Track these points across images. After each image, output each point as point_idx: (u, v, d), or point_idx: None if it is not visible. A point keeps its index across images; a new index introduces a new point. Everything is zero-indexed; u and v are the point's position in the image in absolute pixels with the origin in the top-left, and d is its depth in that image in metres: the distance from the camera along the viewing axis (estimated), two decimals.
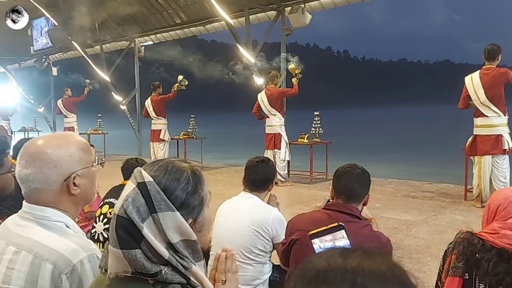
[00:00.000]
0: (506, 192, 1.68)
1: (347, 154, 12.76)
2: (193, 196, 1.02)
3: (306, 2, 9.07)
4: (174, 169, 1.03)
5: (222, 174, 8.90)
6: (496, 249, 1.54)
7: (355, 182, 2.01)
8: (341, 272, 0.57)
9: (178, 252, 0.96)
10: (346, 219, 1.96)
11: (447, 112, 28.54)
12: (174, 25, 12.06)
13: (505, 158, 5.59)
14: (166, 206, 0.97)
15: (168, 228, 0.95)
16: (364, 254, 0.61)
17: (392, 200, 6.32)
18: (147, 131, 10.06)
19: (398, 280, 0.58)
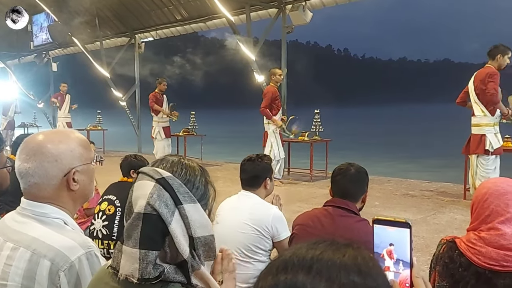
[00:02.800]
0: (485, 185, 1.60)
1: (347, 153, 12.76)
2: (207, 187, 1.07)
3: (307, 0, 9.06)
4: (188, 164, 1.06)
5: (222, 171, 8.90)
6: (474, 267, 1.44)
7: (349, 184, 2.09)
8: (300, 261, 0.59)
9: (195, 249, 0.98)
10: (342, 213, 2.06)
11: (448, 111, 28.53)
12: (174, 21, 12.04)
13: (490, 159, 5.52)
14: (190, 198, 0.99)
15: (193, 221, 0.98)
16: (330, 245, 0.62)
17: (391, 199, 6.32)
18: (146, 128, 10.03)
19: (357, 268, 0.59)
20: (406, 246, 0.89)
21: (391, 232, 0.90)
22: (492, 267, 1.37)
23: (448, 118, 40.60)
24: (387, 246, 0.90)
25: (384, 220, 0.91)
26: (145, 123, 11.33)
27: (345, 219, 2.06)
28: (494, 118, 5.54)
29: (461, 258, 1.44)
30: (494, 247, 1.39)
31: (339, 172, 2.14)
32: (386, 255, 0.91)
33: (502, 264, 1.36)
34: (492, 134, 5.52)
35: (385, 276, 0.63)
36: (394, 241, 0.90)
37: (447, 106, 57.93)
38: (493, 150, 5.48)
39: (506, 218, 1.40)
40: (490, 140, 5.51)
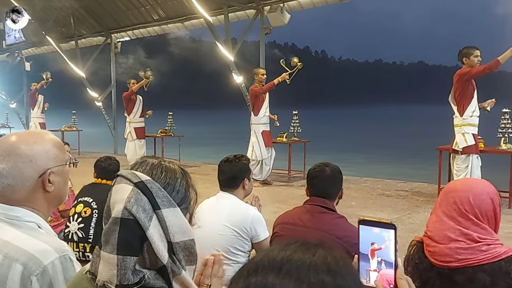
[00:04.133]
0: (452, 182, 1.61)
1: (325, 153, 12.88)
2: (189, 189, 1.05)
3: (285, 2, 9.10)
4: (168, 167, 1.04)
5: (200, 173, 8.85)
6: (435, 267, 1.44)
7: (326, 186, 2.16)
8: (270, 262, 0.60)
9: (175, 254, 0.96)
10: (321, 210, 2.11)
11: (422, 111, 29.08)
12: (151, 21, 11.92)
13: (462, 159, 5.63)
14: (169, 202, 0.97)
15: (172, 226, 0.95)
16: (301, 245, 0.63)
17: (368, 199, 6.41)
18: (123, 128, 9.89)
19: (326, 267, 0.59)
20: (391, 247, 0.90)
21: (376, 233, 0.91)
22: (449, 265, 1.38)
23: (423, 119, 41.47)
24: (380, 244, 0.92)
25: (369, 220, 0.92)
26: (121, 123, 11.17)
27: (325, 216, 2.11)
28: (462, 119, 5.67)
29: (426, 259, 1.45)
30: (444, 243, 1.40)
31: (316, 174, 2.19)
32: (370, 255, 0.92)
33: (457, 258, 1.37)
34: (460, 134, 5.65)
35: (356, 275, 0.64)
36: (379, 242, 0.92)
37: (421, 107, 58.97)
38: (461, 149, 5.61)
39: (451, 215, 1.42)
40: (457, 139, 5.66)
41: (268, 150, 7.57)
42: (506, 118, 5.91)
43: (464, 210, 1.40)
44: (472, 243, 1.37)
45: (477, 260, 1.35)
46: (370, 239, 0.92)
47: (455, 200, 1.43)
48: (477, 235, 1.37)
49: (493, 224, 1.43)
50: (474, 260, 1.35)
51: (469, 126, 5.63)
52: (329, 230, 2.03)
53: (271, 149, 7.67)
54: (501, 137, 5.93)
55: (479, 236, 1.37)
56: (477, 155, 5.64)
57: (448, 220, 1.42)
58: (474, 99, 5.65)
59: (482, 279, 1.34)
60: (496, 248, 1.36)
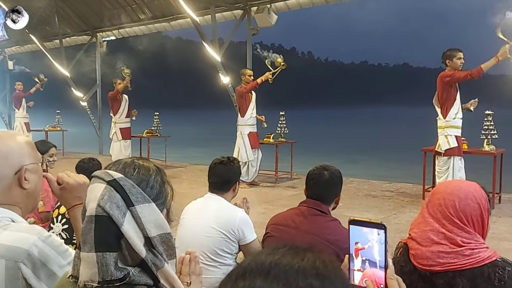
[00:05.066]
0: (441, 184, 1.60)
1: (312, 154, 12.94)
2: (164, 185, 1.05)
3: (272, 3, 9.12)
4: (141, 165, 1.05)
5: (187, 173, 8.81)
6: (418, 270, 1.41)
7: (322, 190, 2.15)
8: (259, 266, 0.60)
9: (155, 248, 0.96)
10: (315, 213, 2.11)
11: (405, 113, 29.40)
12: (137, 20, 11.83)
13: (443, 160, 5.73)
14: (143, 198, 0.97)
15: (147, 221, 0.95)
16: (289, 250, 0.63)
17: (354, 199, 6.46)
18: (108, 128, 9.79)
19: (315, 271, 0.59)
20: (375, 247, 0.90)
21: (366, 232, 0.92)
22: (431, 268, 1.37)
23: (409, 120, 41.97)
24: (365, 244, 0.92)
25: (360, 221, 0.92)
26: (107, 123, 11.05)
27: (318, 218, 2.10)
28: (445, 121, 5.75)
29: (410, 263, 1.44)
30: (427, 246, 1.39)
31: (313, 176, 2.18)
32: (354, 255, 0.93)
33: (439, 262, 1.35)
34: (442, 136, 5.74)
35: (345, 279, 0.64)
36: (363, 242, 0.92)
37: (407, 108, 59.56)
38: (444, 151, 5.69)
39: (436, 217, 1.41)
40: (440, 141, 5.74)
41: (255, 152, 7.56)
42: (489, 119, 6.01)
43: (448, 213, 1.38)
44: (455, 247, 1.35)
45: (459, 264, 1.33)
46: (356, 239, 0.93)
47: (440, 202, 1.41)
48: (461, 239, 1.35)
49: (480, 228, 1.40)
50: (456, 265, 1.34)
51: (452, 128, 5.71)
52: (320, 234, 2.03)
53: (257, 151, 7.65)
54: (484, 139, 6.03)
55: (463, 240, 1.35)
56: (460, 157, 5.73)
57: (433, 221, 1.40)
58: (457, 102, 5.74)
59: (461, 283, 1.33)
60: (480, 253, 1.34)
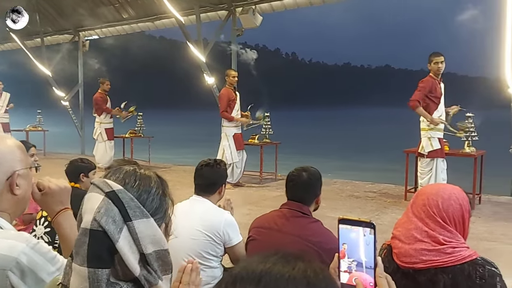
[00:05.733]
0: (426, 186, 1.67)
1: (297, 155, 12.99)
2: (164, 199, 1.02)
3: (257, 4, 9.14)
4: (144, 174, 1.01)
5: (171, 174, 8.75)
6: (401, 269, 1.45)
7: (301, 191, 2.17)
8: (249, 274, 0.60)
9: (149, 264, 0.94)
10: (297, 214, 2.13)
11: (388, 114, 29.73)
12: (121, 19, 11.71)
13: (426, 162, 5.83)
14: (141, 213, 0.94)
15: (143, 237, 0.93)
16: (280, 258, 0.63)
17: (337, 200, 6.51)
18: (90, 129, 9.67)
19: (306, 281, 0.60)
20: (368, 248, 0.91)
21: (354, 231, 0.92)
22: (413, 266, 1.41)
23: (389, 121, 42.46)
24: (352, 245, 0.92)
25: (349, 219, 0.93)
26: (89, 123, 10.91)
27: (300, 220, 2.11)
28: (428, 123, 5.85)
29: (394, 262, 1.47)
30: (410, 243, 1.43)
31: (292, 178, 2.20)
32: (341, 256, 0.94)
33: (421, 259, 1.39)
34: (425, 138, 5.84)
35: (335, 286, 0.65)
36: (349, 243, 0.93)
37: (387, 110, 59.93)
38: (427, 153, 5.79)
39: (420, 216, 1.45)
40: (423, 143, 5.84)
41: (239, 153, 7.56)
42: (470, 122, 6.13)
43: (432, 213, 1.43)
44: (437, 245, 1.40)
45: (441, 262, 1.38)
46: (343, 240, 0.94)
47: (424, 203, 1.46)
48: (443, 237, 1.40)
49: (461, 229, 1.45)
50: (438, 262, 1.38)
51: (435, 131, 5.82)
52: (303, 235, 2.04)
53: (242, 152, 7.66)
54: (465, 141, 6.14)
55: (445, 239, 1.40)
56: (443, 158, 5.84)
57: (417, 220, 1.45)
58: (441, 105, 5.85)
59: (443, 280, 1.37)
60: (461, 252, 1.39)
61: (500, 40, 6.49)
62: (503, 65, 6.50)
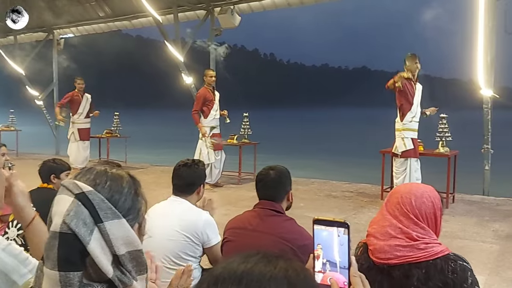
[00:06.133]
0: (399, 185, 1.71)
1: (276, 155, 13.03)
2: (137, 198, 1.00)
3: (236, 4, 9.14)
4: (115, 174, 0.99)
5: (148, 175, 8.66)
6: (376, 266, 1.48)
7: (270, 190, 2.20)
8: (231, 275, 0.60)
9: (123, 265, 0.92)
10: (270, 213, 2.15)
11: (365, 115, 30.14)
12: (97, 18, 11.52)
13: (400, 162, 5.95)
14: (113, 214, 0.92)
15: (116, 239, 0.91)
16: (261, 258, 0.63)
17: (315, 200, 6.56)
18: (66, 129, 9.48)
19: (287, 280, 0.60)
20: (342, 248, 0.92)
21: (328, 232, 0.93)
22: (388, 262, 1.44)
23: (366, 122, 43.09)
24: (326, 245, 0.93)
25: (323, 220, 0.94)
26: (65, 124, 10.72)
27: (273, 218, 2.13)
28: (402, 124, 5.96)
29: (369, 259, 1.50)
30: (385, 240, 1.46)
31: (261, 178, 2.24)
32: (316, 256, 0.94)
33: (396, 255, 1.43)
34: (399, 138, 5.95)
35: (316, 286, 0.65)
36: (323, 243, 0.93)
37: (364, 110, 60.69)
38: (400, 153, 5.90)
39: (394, 214, 1.49)
40: (397, 143, 5.95)
41: (218, 154, 7.53)
42: (444, 122, 6.28)
43: (405, 210, 1.47)
44: (410, 241, 1.43)
45: (415, 257, 1.42)
46: (318, 240, 0.94)
47: (398, 200, 1.51)
48: (416, 234, 1.44)
49: (433, 226, 1.50)
50: (412, 258, 1.42)
51: (408, 131, 5.94)
52: (277, 233, 2.06)
53: (221, 152, 7.63)
54: (439, 141, 6.29)
55: (418, 235, 1.44)
56: (416, 158, 5.96)
57: (391, 218, 1.49)
58: (414, 106, 5.97)
59: (416, 274, 1.41)
60: (434, 247, 1.43)
61: (473, 42, 6.67)
62: (476, 67, 6.68)
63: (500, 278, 3.63)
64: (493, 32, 6.71)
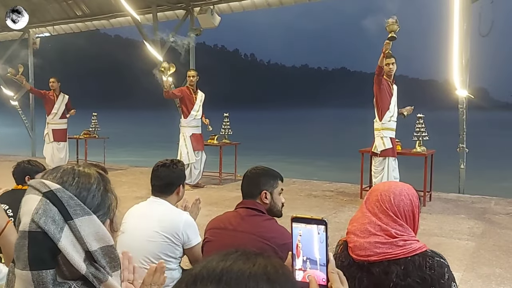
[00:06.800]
0: (378, 184, 1.76)
1: (256, 155, 13.05)
2: (107, 194, 1.00)
3: (215, 4, 9.11)
4: (82, 171, 0.98)
5: (127, 176, 8.56)
6: (356, 263, 1.50)
7: (245, 187, 2.24)
8: (210, 273, 0.60)
9: (96, 261, 0.92)
10: (251, 213, 2.16)
11: (345, 115, 30.46)
12: (74, 17, 11.32)
13: (379, 161, 6.04)
14: (82, 211, 0.92)
15: (87, 235, 0.90)
16: (241, 255, 0.64)
17: (296, 199, 6.60)
18: (42, 129, 9.28)
19: (266, 277, 0.61)
20: (315, 244, 0.93)
21: (308, 229, 0.94)
22: (368, 259, 1.47)
23: (347, 121, 43.58)
24: (306, 243, 0.94)
25: (301, 218, 0.94)
26: (41, 124, 10.50)
27: (254, 218, 2.14)
28: (381, 123, 6.05)
29: (349, 257, 1.53)
30: (364, 237, 1.49)
31: (243, 177, 2.28)
32: (296, 254, 0.95)
33: (376, 252, 1.46)
34: (378, 138, 6.04)
35: (294, 282, 0.66)
36: (303, 240, 0.94)
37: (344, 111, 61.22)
38: (379, 152, 5.99)
39: (374, 211, 1.52)
40: (376, 143, 6.04)
41: (198, 154, 7.48)
42: (421, 122, 6.39)
43: (385, 207, 1.50)
44: (389, 238, 1.46)
45: (394, 254, 1.44)
46: (297, 238, 0.95)
47: (377, 198, 1.54)
48: (395, 231, 1.47)
49: (412, 223, 1.53)
50: (391, 254, 1.45)
51: (387, 131, 6.03)
52: (257, 233, 2.07)
53: (201, 153, 7.59)
54: (416, 140, 6.40)
55: (397, 232, 1.47)
56: (394, 157, 6.05)
57: (370, 215, 1.52)
58: (392, 105, 6.06)
59: (395, 270, 1.44)
60: (412, 244, 1.47)
61: (448, 44, 6.81)
62: (451, 69, 6.83)
63: (476, 274, 3.72)
64: (468, 34, 6.87)
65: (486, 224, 5.28)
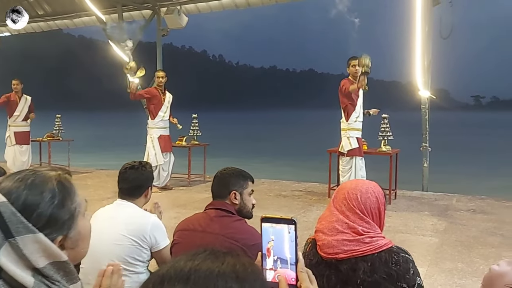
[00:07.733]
0: (345, 182, 1.81)
1: (225, 156, 13.01)
2: (61, 209, 0.93)
3: (182, 4, 9.04)
4: (36, 181, 0.92)
5: (93, 179, 8.36)
6: (325, 261, 1.52)
7: (215, 187, 2.26)
8: (177, 273, 0.59)
9: (48, 277, 0.87)
10: (220, 214, 2.16)
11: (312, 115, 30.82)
12: (36, 16, 10.96)
13: (346, 160, 6.16)
14: (25, 229, 0.86)
15: (31, 253, 0.85)
16: (209, 255, 0.63)
17: (266, 200, 6.62)
18: (3, 132, 8.94)
19: (235, 275, 0.60)
20: (285, 244, 0.94)
21: (278, 229, 0.94)
22: (336, 256, 1.50)
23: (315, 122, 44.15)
24: (276, 243, 0.94)
25: (271, 218, 0.94)
26: (2, 127, 10.10)
27: (224, 219, 2.13)
28: (348, 124, 6.17)
29: (318, 255, 1.55)
30: (332, 235, 1.52)
31: (213, 179, 2.28)
32: (266, 254, 0.95)
33: (343, 249, 1.48)
34: (345, 138, 6.16)
35: (264, 280, 0.65)
36: (280, 238, 0.94)
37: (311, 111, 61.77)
38: (346, 152, 6.11)
39: (341, 209, 1.55)
40: (343, 143, 6.16)
41: (166, 156, 7.39)
42: (386, 122, 6.56)
43: (352, 205, 1.53)
44: (356, 236, 1.49)
45: (361, 251, 1.47)
46: (268, 238, 0.95)
47: (345, 197, 1.57)
48: (362, 228, 1.50)
49: (378, 220, 1.57)
50: (358, 251, 1.48)
51: (353, 131, 6.15)
52: (227, 234, 2.06)
53: (169, 154, 7.50)
54: (381, 140, 6.56)
55: (363, 230, 1.50)
56: (361, 157, 6.17)
57: (338, 213, 1.54)
58: (358, 106, 6.19)
59: (362, 267, 1.47)
60: (378, 241, 1.50)
61: (410, 46, 7.01)
62: (414, 70, 7.03)
63: (439, 269, 3.84)
64: (430, 37, 7.10)
65: (448, 220, 5.46)
